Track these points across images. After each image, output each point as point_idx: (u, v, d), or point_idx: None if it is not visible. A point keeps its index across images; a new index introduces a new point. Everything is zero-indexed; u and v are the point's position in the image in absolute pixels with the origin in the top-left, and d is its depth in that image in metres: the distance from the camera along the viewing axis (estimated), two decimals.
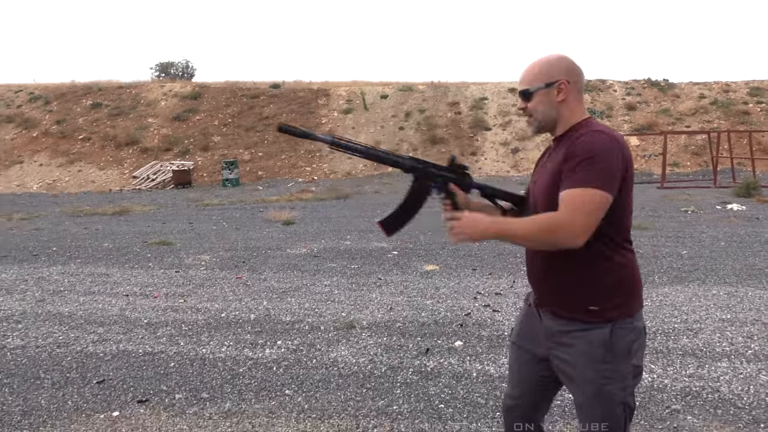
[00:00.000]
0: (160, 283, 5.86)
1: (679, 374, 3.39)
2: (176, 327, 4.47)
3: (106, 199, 15.44)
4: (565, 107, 1.70)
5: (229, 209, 12.21)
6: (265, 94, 23.97)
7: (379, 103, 22.81)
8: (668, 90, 22.72)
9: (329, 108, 22.76)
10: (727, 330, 4.11)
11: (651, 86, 23.08)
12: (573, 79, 1.70)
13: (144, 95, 24.34)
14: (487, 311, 4.70)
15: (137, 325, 4.53)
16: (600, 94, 22.58)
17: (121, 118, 22.84)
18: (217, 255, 7.20)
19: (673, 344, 3.87)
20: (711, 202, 11.12)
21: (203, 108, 23.32)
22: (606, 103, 22.03)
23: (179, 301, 5.19)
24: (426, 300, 5.06)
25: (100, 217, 11.34)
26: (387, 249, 7.30)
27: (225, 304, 5.06)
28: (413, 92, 23.46)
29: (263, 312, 4.82)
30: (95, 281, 6.01)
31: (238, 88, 24.56)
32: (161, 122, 22.64)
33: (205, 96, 24.01)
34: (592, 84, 23.06)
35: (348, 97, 23.33)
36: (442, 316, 4.58)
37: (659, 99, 22.21)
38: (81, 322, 4.65)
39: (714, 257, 6.45)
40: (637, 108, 21.72)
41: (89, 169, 20.42)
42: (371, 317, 4.61)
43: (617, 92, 22.81)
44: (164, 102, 23.81)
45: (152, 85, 25.59)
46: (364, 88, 23.70)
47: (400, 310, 4.79)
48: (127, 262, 6.94)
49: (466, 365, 3.59)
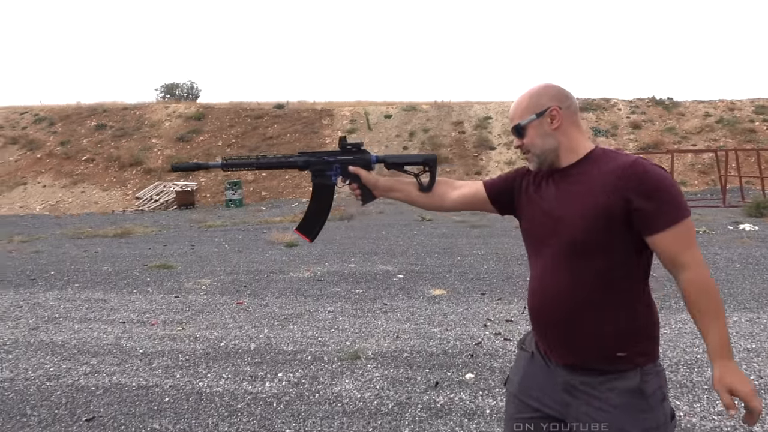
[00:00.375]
0: (159, 309, 5.67)
1: (707, 412, 3.16)
2: (173, 357, 4.27)
3: (108, 221, 15.30)
4: (563, 134, 1.60)
5: (232, 230, 12.05)
6: (269, 115, 23.98)
7: (383, 123, 22.76)
8: (673, 108, 22.60)
9: (333, 128, 22.72)
10: (753, 361, 3.89)
11: (655, 105, 22.98)
12: (564, 104, 1.61)
13: (148, 116, 24.39)
14: (498, 340, 4.48)
15: (132, 356, 4.33)
16: (604, 113, 22.49)
17: (125, 139, 22.85)
18: (218, 279, 7.02)
19: (698, 377, 3.64)
20: (722, 222, 10.90)
21: (207, 128, 23.32)
22: (611, 122, 21.92)
23: (177, 329, 4.99)
24: (434, 327, 4.85)
25: (101, 239, 11.18)
26: (392, 272, 7.11)
27: (225, 332, 4.87)
28: (417, 112, 23.42)
29: (264, 341, 4.62)
30: (92, 307, 5.82)
31: (242, 109, 24.59)
32: (165, 143, 22.63)
33: (210, 117, 24.03)
34: (596, 103, 22.98)
35: (352, 117, 23.31)
36: (451, 346, 4.37)
37: (664, 117, 22.08)
38: (74, 351, 4.45)
39: (731, 281, 6.23)
40: (642, 127, 21.60)
41: (92, 190, 20.35)
42: (377, 347, 4.40)
43: (622, 111, 22.71)
44: (168, 123, 23.83)
45: (157, 107, 25.66)
46: (368, 108, 23.69)
47: (407, 338, 4.58)
48: (126, 286, 6.76)
49: (479, 401, 3.37)
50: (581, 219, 1.51)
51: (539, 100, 1.62)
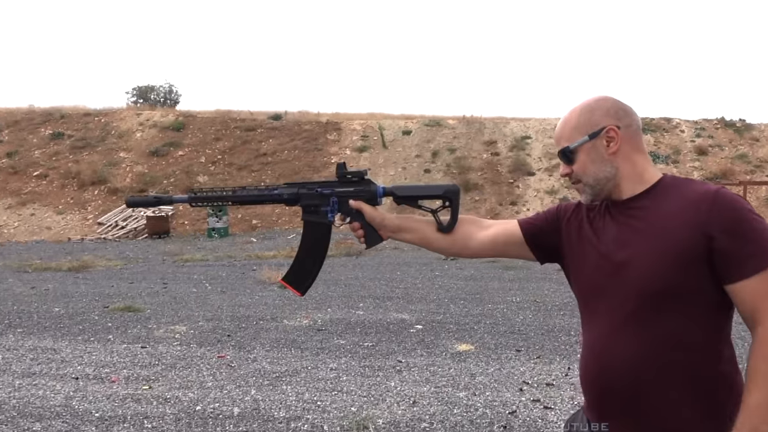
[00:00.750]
0: (121, 363, 5.64)
1: None
2: (136, 424, 4.21)
3: (62, 251, 15.42)
4: (623, 160, 1.58)
5: (215, 266, 12.08)
6: (263, 127, 24.28)
7: (401, 140, 22.92)
8: (745, 132, 22.75)
9: (340, 145, 22.93)
10: None
11: (725, 127, 23.12)
12: (624, 123, 1.58)
13: (116, 124, 24.77)
14: (537, 408, 4.43)
15: (86, 420, 4.28)
16: (665, 135, 22.57)
17: (87, 152, 23.18)
18: (195, 326, 7.00)
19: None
20: None
21: (188, 141, 23.62)
22: (672, 146, 21.98)
23: (143, 388, 4.95)
24: (459, 392, 4.81)
25: (53, 274, 11.24)
26: (409, 322, 7.07)
27: (202, 393, 4.82)
28: (442, 128, 23.60)
29: (251, 404, 4.57)
30: (37, 358, 5.80)
31: (231, 119, 24.93)
32: (135, 157, 22.93)
33: (191, 127, 24.37)
34: (655, 123, 23.08)
35: (363, 132, 23.52)
36: (480, 414, 4.33)
37: (735, 142, 22.17)
38: (13, 414, 4.41)
39: None
40: (708, 152, 21.70)
41: (44, 212, 20.58)
42: (389, 414, 4.34)
43: (685, 133, 22.82)
44: (140, 133, 24.18)
45: (126, 113, 26.08)
46: (383, 122, 23.93)
47: (426, 404, 4.54)
48: (81, 333, 6.75)
49: None
50: (652, 262, 1.49)
51: (592, 117, 1.60)
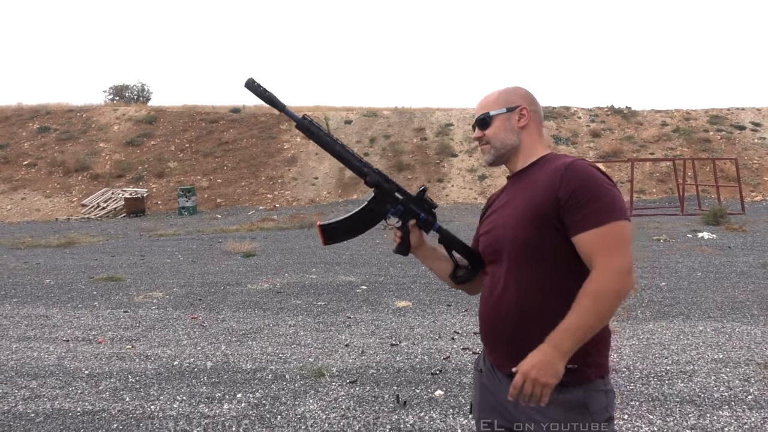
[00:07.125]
0: (106, 326, 5.41)
1: (681, 426, 3.17)
2: (122, 379, 4.05)
3: (51, 230, 14.68)
4: (527, 135, 1.62)
5: (185, 240, 11.71)
6: (224, 119, 23.54)
7: (343, 129, 22.64)
8: (631, 117, 23.24)
9: (291, 133, 22.46)
10: (722, 372, 3.94)
11: (614, 113, 23.58)
12: (533, 108, 1.64)
13: (96, 119, 23.60)
14: (467, 354, 4.42)
15: (77, 377, 4.09)
16: (565, 121, 22.95)
17: (71, 143, 22.05)
18: (170, 292, 6.77)
19: (669, 389, 3.66)
20: (681, 230, 11.21)
21: (159, 132, 22.73)
22: (571, 130, 22.38)
23: (126, 347, 4.76)
24: (400, 342, 4.76)
25: (43, 250, 10.70)
26: (355, 283, 7.00)
27: (178, 350, 4.66)
28: (378, 118, 23.40)
29: (221, 359, 4.44)
30: (32, 324, 5.51)
31: (197, 112, 24.07)
32: (113, 147, 21.93)
33: (161, 120, 23.43)
34: (557, 111, 23.44)
35: None
36: (419, 361, 4.29)
37: (623, 126, 22.67)
38: (11, 374, 4.18)
39: (693, 289, 6.36)
40: (601, 135, 22.12)
41: (34, 196, 19.53)
42: (341, 363, 4.28)
43: (582, 119, 23.21)
44: (117, 126, 23.12)
45: (105, 109, 24.87)
46: (328, 113, 23.52)
47: (372, 353, 4.48)
48: (70, 301, 6.44)
49: (449, 420, 3.29)
50: (519, 220, 1.52)
51: (510, 96, 1.63)
